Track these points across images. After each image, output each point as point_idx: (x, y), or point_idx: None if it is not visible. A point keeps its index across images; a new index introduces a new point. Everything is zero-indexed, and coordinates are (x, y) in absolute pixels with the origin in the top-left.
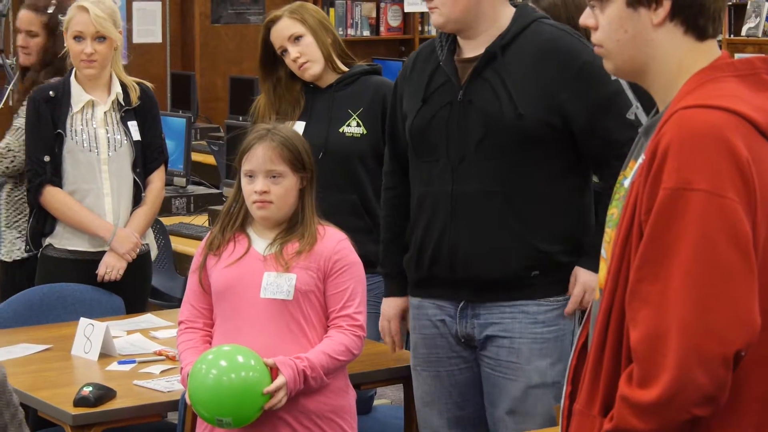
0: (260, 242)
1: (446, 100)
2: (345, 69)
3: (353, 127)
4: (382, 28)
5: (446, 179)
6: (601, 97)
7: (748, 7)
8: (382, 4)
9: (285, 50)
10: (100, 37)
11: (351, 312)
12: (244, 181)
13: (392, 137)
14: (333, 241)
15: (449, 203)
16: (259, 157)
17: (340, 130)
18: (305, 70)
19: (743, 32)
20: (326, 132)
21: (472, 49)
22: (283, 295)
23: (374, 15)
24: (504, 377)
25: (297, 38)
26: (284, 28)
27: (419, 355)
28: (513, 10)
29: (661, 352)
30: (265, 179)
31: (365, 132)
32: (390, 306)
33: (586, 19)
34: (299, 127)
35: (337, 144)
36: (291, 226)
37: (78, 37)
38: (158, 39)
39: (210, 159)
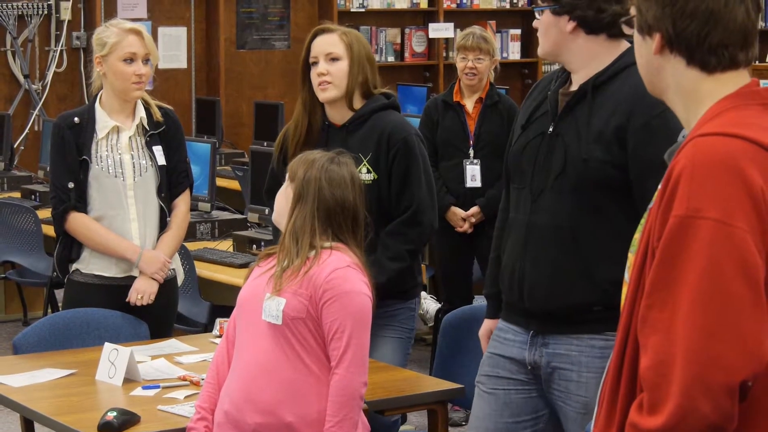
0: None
1: (541, 130)
2: (359, 106)
3: (364, 174)
4: (406, 54)
5: (526, 209)
6: (655, 157)
7: None
8: (407, 30)
9: (316, 62)
10: (147, 59)
11: (339, 358)
12: None
13: (507, 162)
14: (328, 269)
15: (524, 233)
16: None
17: None
18: (323, 90)
19: None
20: None
21: (576, 83)
22: (273, 319)
23: (399, 41)
24: (575, 411)
25: (333, 59)
26: (328, 43)
27: (483, 371)
28: (623, 49)
29: (667, 380)
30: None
31: (375, 177)
32: (482, 327)
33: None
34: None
35: None
36: (295, 248)
37: (129, 59)
38: (183, 64)
39: (235, 184)
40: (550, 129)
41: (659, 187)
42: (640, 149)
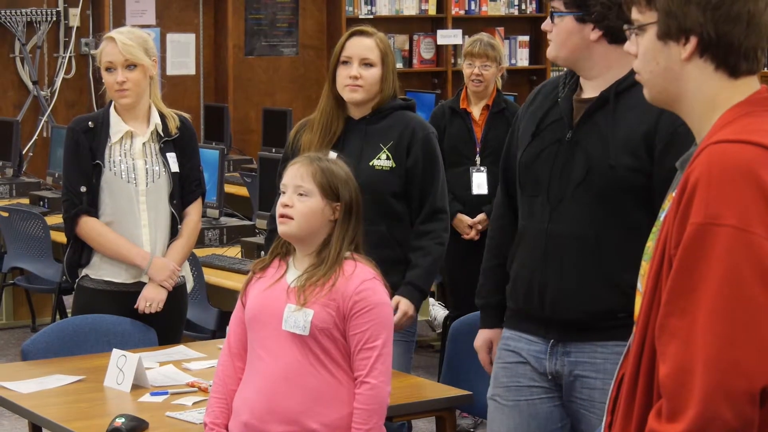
0: (293, 272)
1: (556, 137)
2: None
3: (383, 161)
4: (415, 61)
5: (544, 217)
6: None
7: None
8: (415, 37)
9: (347, 62)
10: (131, 65)
11: (369, 367)
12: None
13: (505, 169)
14: (357, 281)
15: (543, 241)
16: (292, 172)
17: (371, 163)
18: (353, 91)
19: None
20: (357, 165)
21: (591, 90)
22: (299, 330)
23: (407, 47)
24: (599, 419)
25: (368, 64)
26: (365, 47)
27: (499, 384)
28: None
29: (687, 387)
30: (293, 195)
31: (394, 165)
32: (478, 338)
33: (629, 46)
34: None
35: (368, 177)
36: (322, 260)
37: (109, 68)
38: (192, 71)
39: (243, 191)
40: (568, 136)
41: (674, 194)
42: (666, 156)
